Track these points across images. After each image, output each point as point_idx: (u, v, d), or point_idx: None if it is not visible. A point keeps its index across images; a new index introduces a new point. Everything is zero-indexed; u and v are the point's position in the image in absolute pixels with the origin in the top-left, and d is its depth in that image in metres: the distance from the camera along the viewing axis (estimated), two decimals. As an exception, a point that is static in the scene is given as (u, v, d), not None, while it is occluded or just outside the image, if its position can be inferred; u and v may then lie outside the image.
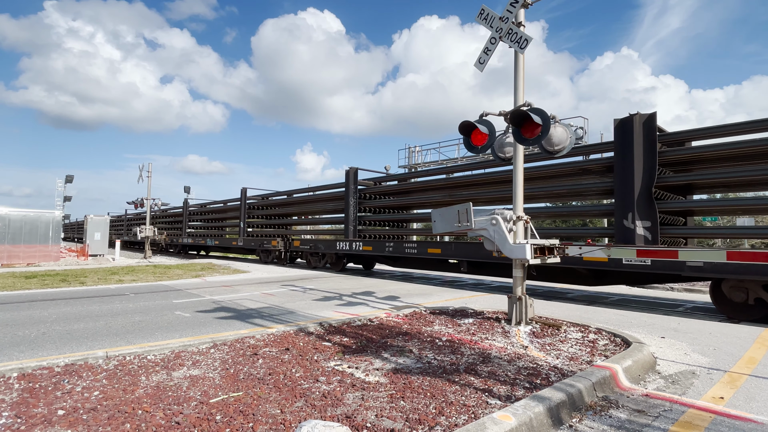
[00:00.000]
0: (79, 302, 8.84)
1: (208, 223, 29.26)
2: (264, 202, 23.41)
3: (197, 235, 29.27)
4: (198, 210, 29.80)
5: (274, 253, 20.51)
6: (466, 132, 6.62)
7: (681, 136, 9.34)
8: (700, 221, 13.87)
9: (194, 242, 28.44)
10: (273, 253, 20.64)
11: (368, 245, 15.23)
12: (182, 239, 29.57)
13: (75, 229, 59.39)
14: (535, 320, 6.57)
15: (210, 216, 28.78)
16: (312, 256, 18.64)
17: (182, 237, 29.71)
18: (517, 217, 6.37)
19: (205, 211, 29.09)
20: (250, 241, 22.37)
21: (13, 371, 4.11)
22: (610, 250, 9.16)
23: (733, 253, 7.64)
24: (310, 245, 18.52)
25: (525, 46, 6.17)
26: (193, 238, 28.64)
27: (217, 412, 3.28)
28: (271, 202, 23.14)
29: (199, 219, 29.82)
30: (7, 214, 18.89)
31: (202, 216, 29.61)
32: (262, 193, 23.82)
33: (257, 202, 23.52)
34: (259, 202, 23.49)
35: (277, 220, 22.62)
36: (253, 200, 23.63)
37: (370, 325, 6.49)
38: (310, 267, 18.54)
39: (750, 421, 3.37)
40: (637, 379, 4.35)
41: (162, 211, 34.26)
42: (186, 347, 5.03)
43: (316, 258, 18.38)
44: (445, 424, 3.09)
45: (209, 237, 27.19)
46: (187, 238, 29.08)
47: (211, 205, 28.43)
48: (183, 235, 29.75)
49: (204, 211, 29.22)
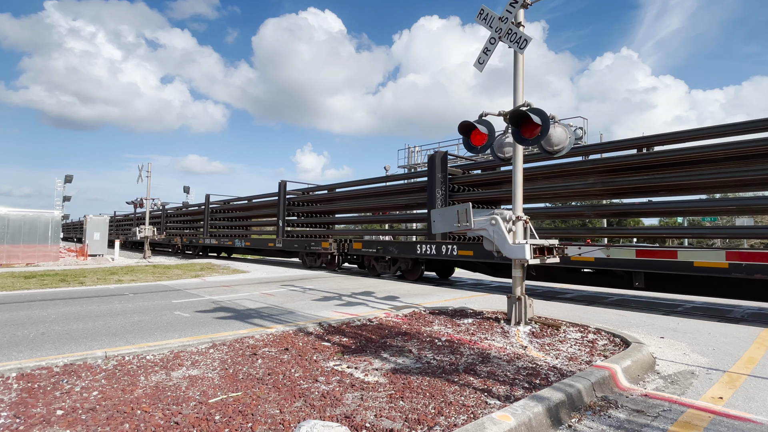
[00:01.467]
0: (78, 302, 8.83)
1: (234, 221, 26.05)
2: (307, 197, 20.32)
3: (222, 235, 25.94)
4: (221, 207, 26.43)
5: (324, 257, 17.46)
6: (465, 132, 6.62)
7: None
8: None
9: (219, 243, 25.07)
10: (322, 257, 17.64)
11: (468, 248, 11.94)
12: (203, 240, 26.28)
13: (74, 229, 59.36)
14: (535, 320, 6.57)
15: (237, 214, 25.76)
16: (377, 262, 15.29)
17: (203, 237, 26.46)
18: (516, 217, 6.37)
19: (231, 208, 26.02)
20: (291, 243, 19.18)
21: (12, 371, 4.11)
22: (609, 250, 9.17)
23: (732, 254, 7.65)
24: (376, 248, 14.90)
25: (524, 47, 6.17)
26: (217, 239, 25.30)
27: (216, 412, 3.28)
28: (318, 197, 19.89)
29: (223, 218, 26.28)
30: (7, 214, 18.88)
31: (227, 214, 26.21)
32: (303, 187, 21.01)
33: (297, 198, 20.39)
34: (300, 197, 20.41)
35: (323, 218, 19.70)
36: (293, 195, 20.49)
37: (370, 325, 6.49)
38: (374, 275, 15.39)
39: (749, 421, 3.37)
40: (637, 379, 4.35)
41: (177, 209, 32.12)
42: (185, 347, 5.03)
43: (384, 264, 15.08)
44: (445, 424, 3.09)
45: (237, 237, 24.09)
46: (209, 239, 25.78)
47: (238, 202, 25.43)
48: (203, 236, 26.47)
49: (229, 208, 26.11)
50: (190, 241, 28.15)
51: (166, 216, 32.81)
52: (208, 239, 25.87)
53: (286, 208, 20.31)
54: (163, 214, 32.38)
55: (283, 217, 20.35)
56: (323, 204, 19.66)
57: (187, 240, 28.53)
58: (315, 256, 18.19)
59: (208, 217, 26.40)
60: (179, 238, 29.16)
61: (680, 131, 9.31)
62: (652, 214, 11.78)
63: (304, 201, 20.37)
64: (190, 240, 28.27)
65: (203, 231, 26.74)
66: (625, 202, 12.87)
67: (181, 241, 28.52)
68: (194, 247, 28.24)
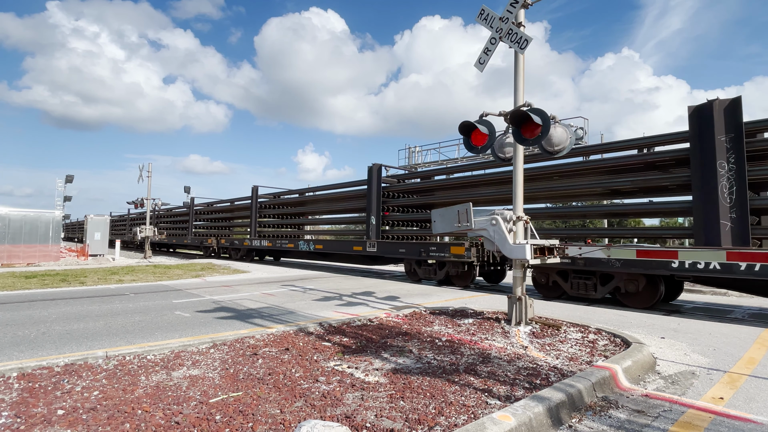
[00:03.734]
0: (78, 302, 8.84)
1: (289, 219, 21.55)
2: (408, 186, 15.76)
3: (278, 235, 21.35)
4: (272, 202, 22.02)
5: (455, 267, 12.51)
6: (466, 132, 6.62)
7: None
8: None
9: (274, 245, 20.06)
10: (447, 267, 12.73)
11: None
12: (249, 242, 21.95)
13: (75, 229, 59.42)
14: (535, 320, 6.57)
15: (299, 209, 20.97)
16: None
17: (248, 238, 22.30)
18: (517, 218, 6.37)
19: (289, 202, 21.28)
20: (394, 247, 14.22)
21: (13, 371, 4.11)
22: (609, 251, 9.16)
23: (733, 254, 7.64)
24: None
25: (525, 47, 6.17)
26: (270, 240, 20.67)
27: (217, 412, 3.28)
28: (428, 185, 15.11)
29: (276, 214, 22.07)
30: (7, 214, 18.90)
31: (282, 209, 21.65)
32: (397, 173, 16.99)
33: (392, 186, 15.74)
34: (396, 186, 15.79)
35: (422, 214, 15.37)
36: (387, 183, 15.88)
37: (370, 325, 6.49)
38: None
39: (749, 421, 3.37)
40: (637, 380, 4.35)
41: (207, 205, 28.50)
42: (186, 347, 5.03)
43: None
44: (445, 424, 3.09)
45: (300, 238, 19.30)
46: (258, 240, 21.37)
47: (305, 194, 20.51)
48: (250, 236, 22.36)
49: (287, 202, 21.40)
50: (230, 243, 24.09)
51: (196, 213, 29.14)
52: (256, 240, 21.62)
53: (380, 201, 14.86)
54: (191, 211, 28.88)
55: (377, 211, 14.88)
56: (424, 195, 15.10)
57: (226, 241, 24.51)
58: (434, 267, 13.29)
59: (255, 213, 22.29)
60: (214, 239, 25.34)
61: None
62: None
63: (403, 191, 15.18)
64: (230, 242, 24.20)
65: (250, 230, 22.47)
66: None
67: (217, 243, 24.85)
68: (234, 250, 24.04)
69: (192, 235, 28.26)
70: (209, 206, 28.49)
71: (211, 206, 28.23)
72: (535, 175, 11.55)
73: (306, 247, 17.97)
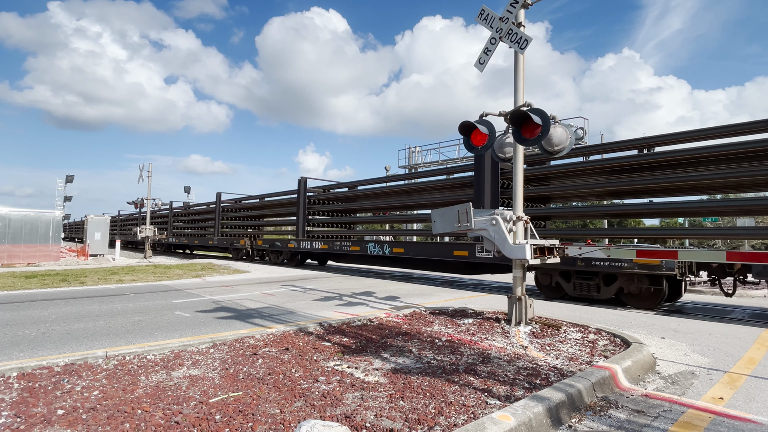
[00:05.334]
0: (79, 302, 8.84)
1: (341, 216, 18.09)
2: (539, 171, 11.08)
3: (337, 236, 17.24)
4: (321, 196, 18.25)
5: (629, 286, 9.05)
6: (466, 132, 6.62)
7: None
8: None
9: (329, 249, 16.29)
10: (615, 285, 9.28)
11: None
12: (298, 243, 17.80)
13: (75, 229, 59.45)
14: (535, 320, 6.57)
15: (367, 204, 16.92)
16: None
17: (296, 238, 18.20)
18: (516, 218, 6.37)
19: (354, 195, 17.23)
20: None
21: (13, 371, 4.11)
22: (609, 251, 9.16)
23: (733, 254, 7.64)
24: None
25: (525, 47, 6.18)
26: (326, 242, 16.52)
27: (217, 411, 3.28)
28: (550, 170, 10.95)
29: (325, 211, 18.19)
30: (8, 214, 18.91)
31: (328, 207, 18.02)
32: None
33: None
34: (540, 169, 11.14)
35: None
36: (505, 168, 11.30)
37: (370, 325, 6.49)
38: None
39: (749, 421, 3.37)
40: (637, 380, 4.35)
41: (235, 201, 24.73)
42: (186, 347, 5.03)
43: None
44: (445, 424, 3.09)
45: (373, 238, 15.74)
46: (308, 242, 17.28)
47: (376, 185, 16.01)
48: (298, 235, 18.21)
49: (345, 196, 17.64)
50: (270, 245, 20.68)
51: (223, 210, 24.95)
52: (306, 242, 17.54)
53: (499, 184, 11.15)
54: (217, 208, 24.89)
55: (495, 192, 11.03)
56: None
57: (264, 243, 21.16)
58: (597, 282, 9.58)
59: (304, 209, 18.24)
60: (248, 240, 21.97)
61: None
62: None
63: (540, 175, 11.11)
64: (269, 243, 20.77)
65: (296, 230, 18.60)
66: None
67: (252, 244, 21.60)
68: (275, 253, 20.55)
69: (219, 235, 24.57)
70: (237, 202, 24.73)
71: (240, 202, 24.54)
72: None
73: (378, 251, 14.31)
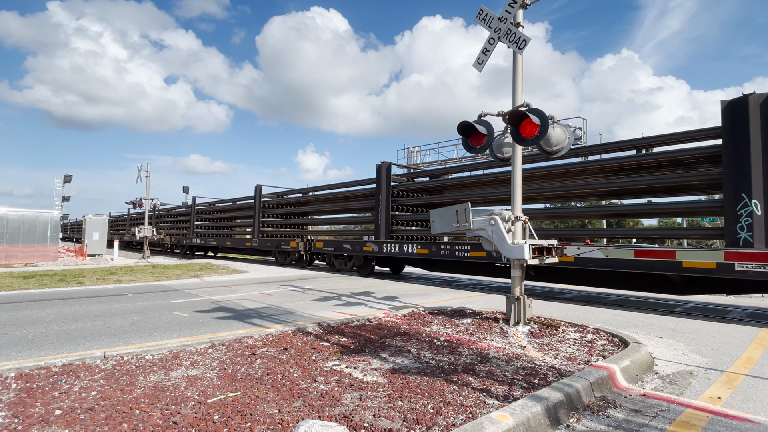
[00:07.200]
0: (77, 302, 8.83)
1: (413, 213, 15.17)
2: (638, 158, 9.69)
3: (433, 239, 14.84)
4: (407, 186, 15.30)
5: None
6: (464, 132, 6.62)
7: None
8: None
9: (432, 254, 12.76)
10: None
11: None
12: (380, 246, 14.35)
13: (74, 229, 59.34)
14: (534, 320, 6.58)
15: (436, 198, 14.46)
16: None
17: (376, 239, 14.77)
18: (515, 218, 6.38)
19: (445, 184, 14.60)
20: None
21: (11, 371, 4.10)
22: (608, 251, 9.17)
23: (731, 254, 7.65)
24: None
25: (523, 47, 6.18)
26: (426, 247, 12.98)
27: (215, 412, 3.28)
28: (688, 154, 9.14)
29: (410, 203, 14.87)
30: (6, 214, 18.87)
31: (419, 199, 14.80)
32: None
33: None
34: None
35: None
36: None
37: (369, 325, 6.49)
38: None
39: (747, 421, 3.38)
40: (635, 379, 4.36)
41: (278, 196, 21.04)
42: (184, 347, 5.02)
43: None
44: (443, 424, 3.09)
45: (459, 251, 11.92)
46: (394, 245, 13.83)
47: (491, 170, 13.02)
48: (381, 236, 14.67)
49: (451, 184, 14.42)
50: (335, 247, 16.49)
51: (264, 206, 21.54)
52: (390, 245, 14.06)
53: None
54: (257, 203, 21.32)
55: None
56: None
57: (327, 245, 17.12)
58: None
59: (387, 203, 14.86)
60: (300, 242, 18.04)
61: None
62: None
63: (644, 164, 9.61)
64: (335, 245, 16.57)
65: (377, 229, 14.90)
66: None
67: (307, 247, 17.97)
68: (341, 258, 16.47)
69: (259, 235, 21.08)
70: (279, 196, 20.98)
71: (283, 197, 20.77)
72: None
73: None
